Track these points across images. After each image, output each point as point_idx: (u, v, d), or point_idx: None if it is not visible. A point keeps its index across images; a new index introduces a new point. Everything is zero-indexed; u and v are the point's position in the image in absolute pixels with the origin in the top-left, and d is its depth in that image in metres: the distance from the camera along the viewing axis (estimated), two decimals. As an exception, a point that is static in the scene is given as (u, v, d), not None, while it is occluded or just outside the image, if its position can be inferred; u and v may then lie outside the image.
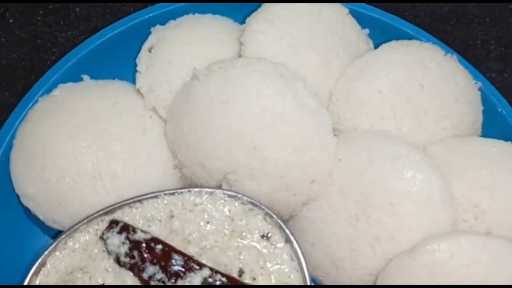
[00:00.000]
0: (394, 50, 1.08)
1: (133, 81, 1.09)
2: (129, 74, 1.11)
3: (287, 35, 1.06)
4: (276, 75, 0.97)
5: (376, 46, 1.16)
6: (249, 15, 1.10)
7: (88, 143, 0.98)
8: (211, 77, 0.98)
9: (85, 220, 0.94)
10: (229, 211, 0.96)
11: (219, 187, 0.97)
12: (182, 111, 1.00)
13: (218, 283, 0.87)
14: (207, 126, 0.96)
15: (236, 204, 0.96)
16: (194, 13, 1.17)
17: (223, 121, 0.95)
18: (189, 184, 1.03)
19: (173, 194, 0.96)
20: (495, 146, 1.01)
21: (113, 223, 0.93)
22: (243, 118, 0.94)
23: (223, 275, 0.88)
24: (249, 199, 0.95)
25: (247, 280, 0.89)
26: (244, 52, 1.06)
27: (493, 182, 0.95)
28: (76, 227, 0.93)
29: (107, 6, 1.37)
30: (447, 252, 0.86)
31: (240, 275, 0.89)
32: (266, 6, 1.10)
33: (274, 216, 0.94)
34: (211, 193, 0.96)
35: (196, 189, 0.96)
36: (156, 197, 0.96)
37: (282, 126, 0.94)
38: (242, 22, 1.11)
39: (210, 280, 0.87)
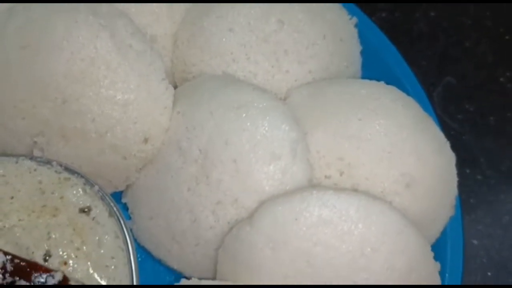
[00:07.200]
0: (247, -21, 0.90)
1: None
2: None
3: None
4: (89, 12, 0.78)
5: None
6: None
7: None
8: (11, 19, 0.79)
9: None
10: (40, 182, 0.77)
11: (31, 153, 0.79)
12: (-22, 62, 0.81)
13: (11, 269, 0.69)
14: (6, 79, 0.77)
15: (49, 173, 0.77)
16: None
17: (24, 71, 0.76)
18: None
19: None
20: (366, 87, 0.84)
21: None
22: (47, 66, 0.76)
23: (20, 260, 0.70)
24: (65, 166, 0.77)
25: (55, 264, 0.71)
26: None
27: (359, 129, 0.78)
28: None
29: None
30: (291, 215, 0.69)
31: (45, 259, 0.72)
32: None
33: (96, 185, 0.76)
34: (16, 162, 0.77)
35: (-3, 158, 0.78)
36: None
37: (95, 73, 0.76)
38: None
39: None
